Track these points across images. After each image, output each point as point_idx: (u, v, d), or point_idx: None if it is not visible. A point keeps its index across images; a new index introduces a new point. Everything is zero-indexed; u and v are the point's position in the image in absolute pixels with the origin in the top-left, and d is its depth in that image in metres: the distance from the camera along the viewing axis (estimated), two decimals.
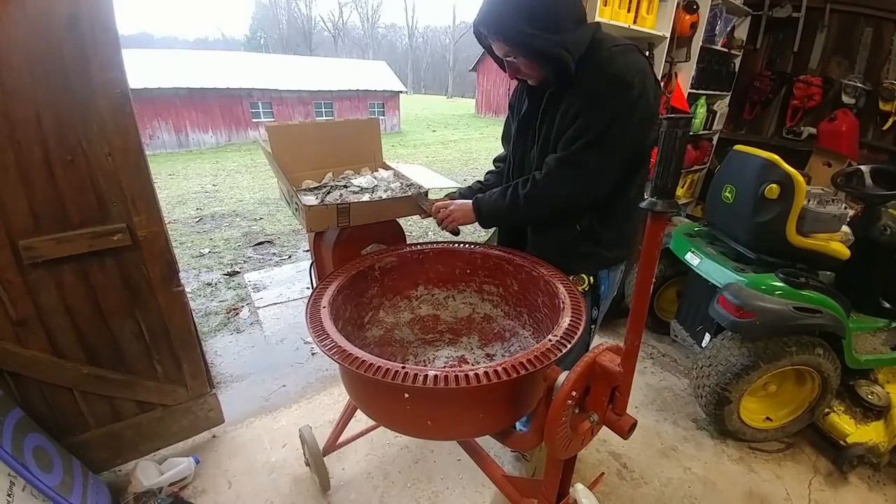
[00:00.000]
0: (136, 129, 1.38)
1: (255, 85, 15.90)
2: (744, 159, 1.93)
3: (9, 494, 1.15)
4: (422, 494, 1.66)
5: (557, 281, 1.24)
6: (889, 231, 1.84)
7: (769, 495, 1.70)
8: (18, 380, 1.43)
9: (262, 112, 16.29)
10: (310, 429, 1.62)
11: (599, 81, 1.02)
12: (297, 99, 16.91)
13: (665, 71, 2.85)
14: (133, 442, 1.71)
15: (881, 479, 1.78)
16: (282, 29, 45.54)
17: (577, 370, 0.87)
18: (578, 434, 0.94)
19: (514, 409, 1.06)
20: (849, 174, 1.99)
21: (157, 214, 1.50)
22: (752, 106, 3.77)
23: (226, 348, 2.56)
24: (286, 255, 4.22)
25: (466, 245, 1.55)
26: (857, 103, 3.23)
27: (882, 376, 1.94)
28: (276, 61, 18.68)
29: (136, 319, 1.57)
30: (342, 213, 1.44)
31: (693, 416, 2.09)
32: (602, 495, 1.65)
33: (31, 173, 1.26)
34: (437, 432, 1.10)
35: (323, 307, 1.12)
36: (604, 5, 2.29)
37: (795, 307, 1.69)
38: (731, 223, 2.07)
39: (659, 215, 0.73)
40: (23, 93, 1.20)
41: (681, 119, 0.68)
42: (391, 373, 0.87)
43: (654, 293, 2.61)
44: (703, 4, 2.78)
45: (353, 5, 49.33)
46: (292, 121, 10.79)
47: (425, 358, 1.37)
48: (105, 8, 1.25)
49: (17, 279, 1.33)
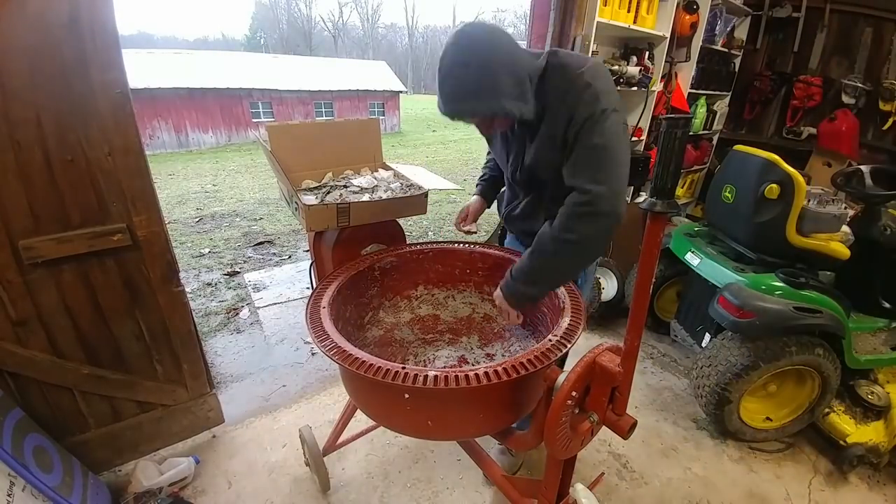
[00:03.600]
0: (136, 129, 1.38)
1: (255, 85, 15.91)
2: (744, 159, 1.93)
3: (9, 494, 1.15)
4: (422, 494, 1.66)
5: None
6: (889, 231, 1.84)
7: (769, 495, 1.70)
8: (18, 380, 1.43)
9: (262, 112, 16.31)
10: (310, 429, 1.62)
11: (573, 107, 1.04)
12: (297, 99, 16.92)
13: (665, 71, 2.85)
14: (133, 442, 1.71)
15: (881, 479, 1.78)
16: (282, 29, 45.55)
17: (577, 370, 0.87)
18: (578, 434, 0.94)
19: (515, 409, 1.06)
20: (849, 174, 1.99)
21: (157, 214, 1.50)
22: (752, 106, 3.77)
23: (226, 348, 2.56)
24: (286, 255, 4.22)
25: (466, 245, 1.55)
26: (857, 103, 3.23)
27: (882, 376, 1.94)
28: (276, 61, 18.68)
29: (136, 319, 1.57)
30: (342, 213, 1.44)
31: (693, 416, 2.09)
32: (602, 495, 1.65)
33: (32, 173, 1.26)
34: (437, 432, 1.10)
35: (323, 307, 1.12)
36: (604, 5, 2.29)
37: (795, 307, 1.69)
38: (730, 223, 2.06)
39: (658, 215, 0.73)
40: (23, 93, 1.20)
41: (680, 119, 0.69)
42: (391, 373, 0.87)
43: (654, 293, 2.61)
44: (703, 4, 2.78)
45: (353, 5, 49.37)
46: (292, 121, 10.80)
47: (425, 358, 1.37)
48: (105, 8, 1.25)
49: (17, 279, 1.33)
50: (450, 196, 6.67)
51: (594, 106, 1.02)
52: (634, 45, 2.70)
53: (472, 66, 0.98)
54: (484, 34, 0.99)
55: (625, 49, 2.73)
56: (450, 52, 1.00)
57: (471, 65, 0.98)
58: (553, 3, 2.26)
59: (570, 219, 1.03)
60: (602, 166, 1.01)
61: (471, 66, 0.98)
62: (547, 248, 1.07)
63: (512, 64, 1.02)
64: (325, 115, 17.37)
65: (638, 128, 2.84)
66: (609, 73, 1.14)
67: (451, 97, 1.03)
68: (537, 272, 1.11)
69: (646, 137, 2.90)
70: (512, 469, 1.73)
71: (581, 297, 1.19)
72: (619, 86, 2.57)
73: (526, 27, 2.73)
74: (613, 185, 1.00)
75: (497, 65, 1.00)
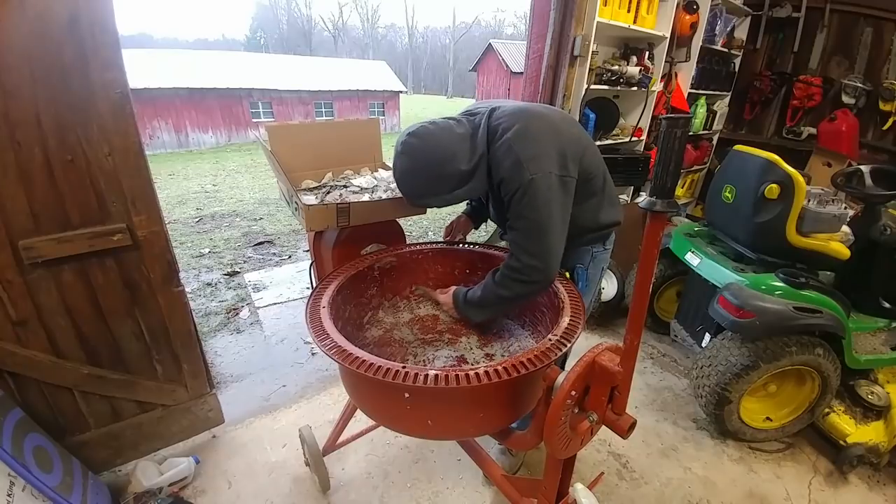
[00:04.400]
0: (136, 130, 1.38)
1: (255, 85, 15.90)
2: (744, 159, 1.93)
3: (9, 494, 1.15)
4: (422, 494, 1.66)
5: (557, 280, 1.24)
6: (889, 231, 1.84)
7: (769, 495, 1.70)
8: (18, 380, 1.43)
9: (262, 112, 16.30)
10: (310, 429, 1.62)
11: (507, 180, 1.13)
12: (297, 99, 16.92)
13: (665, 71, 2.86)
14: (133, 442, 1.71)
15: (881, 479, 1.78)
16: (282, 29, 45.58)
17: (577, 370, 0.87)
18: (578, 433, 0.94)
19: (514, 408, 1.06)
20: (849, 174, 1.99)
21: (157, 214, 1.49)
22: (752, 106, 3.77)
23: (226, 348, 2.56)
24: (286, 255, 4.22)
25: (466, 245, 1.55)
26: (857, 103, 3.23)
27: (882, 376, 1.94)
28: (276, 61, 18.69)
29: (136, 319, 1.57)
30: (342, 213, 1.44)
31: (693, 416, 2.09)
32: (602, 495, 1.65)
33: (32, 173, 1.26)
34: (437, 432, 1.10)
35: (323, 307, 1.12)
36: (604, 5, 2.29)
37: (795, 307, 1.69)
38: (731, 223, 2.06)
39: (658, 214, 0.73)
40: (23, 93, 1.20)
41: (680, 119, 0.69)
42: (391, 372, 0.87)
43: (654, 293, 2.61)
44: (703, 4, 2.78)
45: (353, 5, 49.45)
46: (292, 121, 10.80)
47: (425, 358, 1.36)
48: (105, 9, 1.25)
49: (17, 279, 1.33)
50: None
51: (521, 177, 1.08)
52: (634, 45, 2.70)
53: (417, 172, 1.16)
54: (420, 143, 1.14)
55: (625, 49, 2.73)
56: (397, 162, 1.18)
57: (416, 171, 1.16)
58: (553, 3, 2.25)
59: (506, 279, 1.16)
60: (532, 240, 1.11)
61: (416, 172, 1.16)
62: (489, 294, 1.21)
63: (452, 159, 1.14)
64: (325, 115, 17.37)
65: (638, 128, 2.85)
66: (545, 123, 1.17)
67: (408, 196, 1.22)
68: (483, 307, 1.26)
69: (646, 137, 2.90)
70: (512, 470, 1.73)
71: (581, 297, 1.19)
72: (619, 86, 2.57)
73: (526, 27, 2.73)
74: (544, 257, 1.11)
75: (437, 167, 1.14)
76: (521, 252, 1.12)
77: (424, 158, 1.14)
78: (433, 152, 1.14)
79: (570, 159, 1.14)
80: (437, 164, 1.14)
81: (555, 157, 1.11)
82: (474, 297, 1.27)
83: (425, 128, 1.16)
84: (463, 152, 1.16)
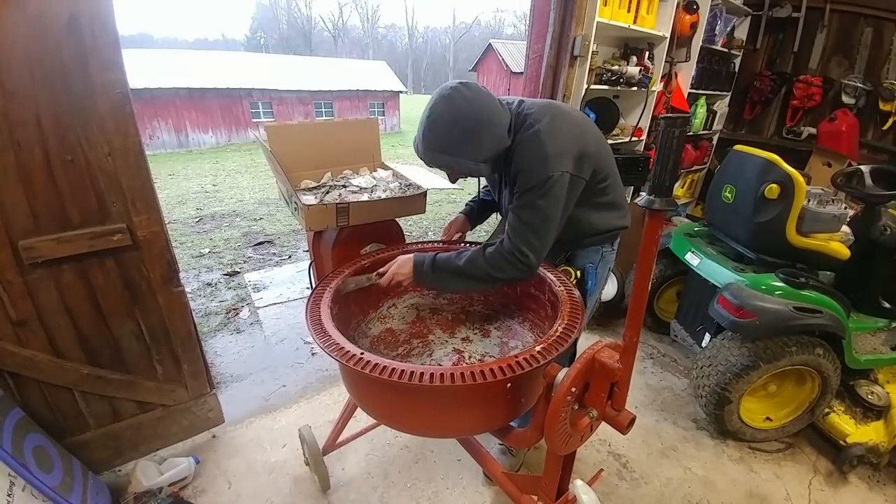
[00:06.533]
0: (136, 130, 1.38)
1: (255, 85, 15.89)
2: (744, 159, 1.93)
3: (9, 494, 1.15)
4: (422, 494, 1.66)
5: (557, 279, 1.24)
6: (889, 231, 1.84)
7: (769, 495, 1.70)
8: (18, 380, 1.43)
9: (262, 112, 16.30)
10: (309, 428, 1.62)
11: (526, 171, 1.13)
12: (297, 99, 16.91)
13: (665, 71, 2.85)
14: (133, 442, 1.71)
15: (881, 479, 1.78)
16: (282, 29, 45.60)
17: (577, 367, 0.88)
18: (578, 430, 0.94)
19: (514, 406, 1.06)
20: (849, 174, 1.99)
21: (157, 214, 1.50)
22: (752, 106, 3.77)
23: (226, 348, 2.56)
24: (286, 255, 4.22)
25: (466, 245, 1.55)
26: (857, 103, 3.23)
27: (882, 376, 1.94)
28: (276, 61, 18.68)
29: (136, 319, 1.57)
30: (341, 213, 1.45)
31: (693, 416, 2.09)
32: (602, 495, 1.65)
33: (32, 174, 1.26)
34: (437, 430, 1.11)
35: (323, 307, 1.12)
36: (604, 5, 2.29)
37: (795, 307, 1.69)
38: (731, 223, 2.07)
39: (656, 213, 0.73)
40: (23, 93, 1.20)
41: (678, 118, 0.69)
42: (392, 371, 0.87)
43: (654, 293, 2.61)
44: (703, 4, 2.78)
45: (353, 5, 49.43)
46: (292, 121, 10.79)
47: (425, 356, 1.37)
48: (105, 8, 1.25)
49: (17, 279, 1.33)
50: (450, 196, 6.67)
51: (542, 171, 1.10)
52: (634, 45, 2.70)
53: (456, 121, 1.10)
54: (472, 95, 1.10)
55: (625, 49, 2.73)
56: (437, 106, 1.11)
57: (456, 120, 1.10)
58: (553, 3, 2.25)
59: (502, 261, 1.14)
60: (539, 232, 1.13)
61: (456, 121, 1.10)
62: (474, 269, 1.17)
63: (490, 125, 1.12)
64: (325, 115, 17.35)
65: (638, 128, 2.85)
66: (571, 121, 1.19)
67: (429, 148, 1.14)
68: (455, 277, 1.20)
69: (646, 137, 2.90)
70: (512, 469, 1.73)
71: (580, 295, 1.19)
72: (619, 86, 2.57)
73: (526, 27, 2.73)
74: (540, 251, 1.14)
75: (476, 123, 1.10)
76: (521, 241, 1.13)
77: (470, 109, 1.10)
78: (481, 109, 1.11)
79: (586, 160, 1.16)
80: (478, 122, 1.10)
81: (574, 157, 1.13)
82: (451, 265, 1.19)
83: (478, 86, 1.13)
84: (501, 127, 1.14)
